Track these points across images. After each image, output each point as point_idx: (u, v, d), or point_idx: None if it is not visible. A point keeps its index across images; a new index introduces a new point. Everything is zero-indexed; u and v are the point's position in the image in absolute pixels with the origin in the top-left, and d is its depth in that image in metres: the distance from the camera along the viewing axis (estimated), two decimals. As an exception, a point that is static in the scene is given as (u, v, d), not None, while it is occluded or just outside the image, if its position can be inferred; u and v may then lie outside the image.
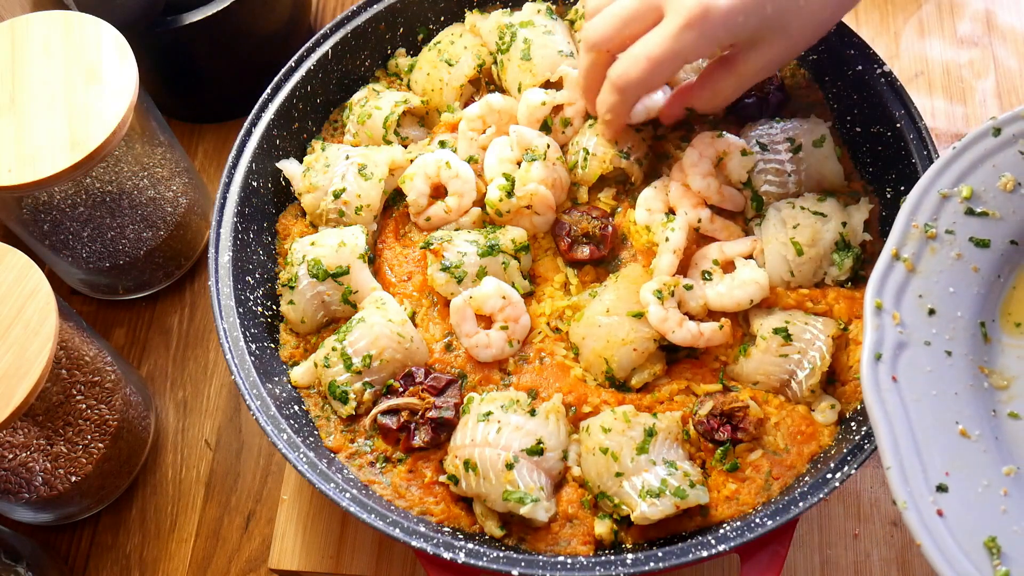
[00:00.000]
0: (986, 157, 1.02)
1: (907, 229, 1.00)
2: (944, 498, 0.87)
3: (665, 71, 1.05)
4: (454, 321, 1.20)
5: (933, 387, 0.93)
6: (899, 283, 0.98)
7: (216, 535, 1.35)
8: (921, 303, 0.97)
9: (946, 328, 0.96)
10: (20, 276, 1.11)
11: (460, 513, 1.12)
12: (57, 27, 1.24)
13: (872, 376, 0.92)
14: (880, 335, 0.95)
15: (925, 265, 0.98)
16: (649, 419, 1.10)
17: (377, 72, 1.44)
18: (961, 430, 0.91)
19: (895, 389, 0.92)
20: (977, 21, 1.65)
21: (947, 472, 0.89)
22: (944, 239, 0.99)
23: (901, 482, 0.87)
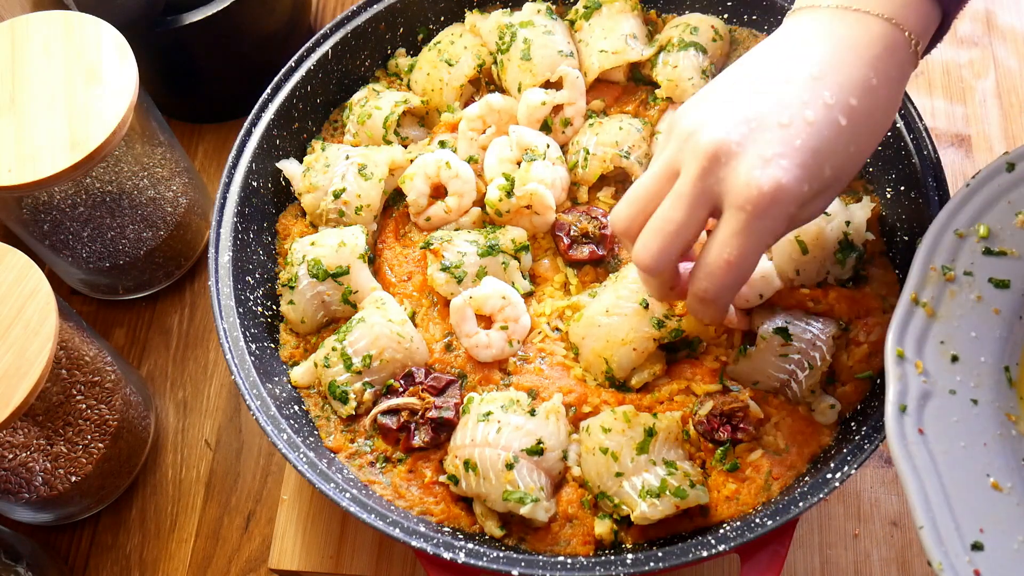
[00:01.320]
0: (1001, 194, 1.00)
1: (925, 272, 0.97)
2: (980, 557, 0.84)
3: (752, 264, 0.92)
4: (454, 321, 1.20)
5: (961, 438, 0.90)
6: (920, 330, 0.95)
7: (216, 535, 1.35)
8: (943, 350, 0.94)
9: (970, 375, 0.93)
10: (20, 276, 1.11)
11: (460, 513, 1.12)
12: (57, 27, 1.24)
13: (898, 429, 0.89)
14: (904, 385, 0.91)
15: (945, 310, 0.95)
16: (649, 419, 1.10)
17: (377, 72, 1.44)
18: (993, 483, 0.88)
19: (922, 442, 0.89)
20: (977, 21, 1.65)
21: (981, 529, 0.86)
22: (963, 281, 0.96)
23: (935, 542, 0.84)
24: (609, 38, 1.35)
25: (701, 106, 0.94)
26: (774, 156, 0.87)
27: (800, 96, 0.89)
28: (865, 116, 0.91)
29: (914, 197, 1.19)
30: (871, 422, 1.07)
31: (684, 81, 1.32)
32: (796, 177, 0.87)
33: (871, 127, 0.92)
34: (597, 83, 1.37)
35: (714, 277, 0.92)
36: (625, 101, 1.38)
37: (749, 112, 0.90)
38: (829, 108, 0.89)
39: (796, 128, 0.88)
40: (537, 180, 1.23)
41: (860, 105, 0.90)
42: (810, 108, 0.89)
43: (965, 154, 1.54)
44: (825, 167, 0.90)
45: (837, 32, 0.92)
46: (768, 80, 0.92)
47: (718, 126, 0.90)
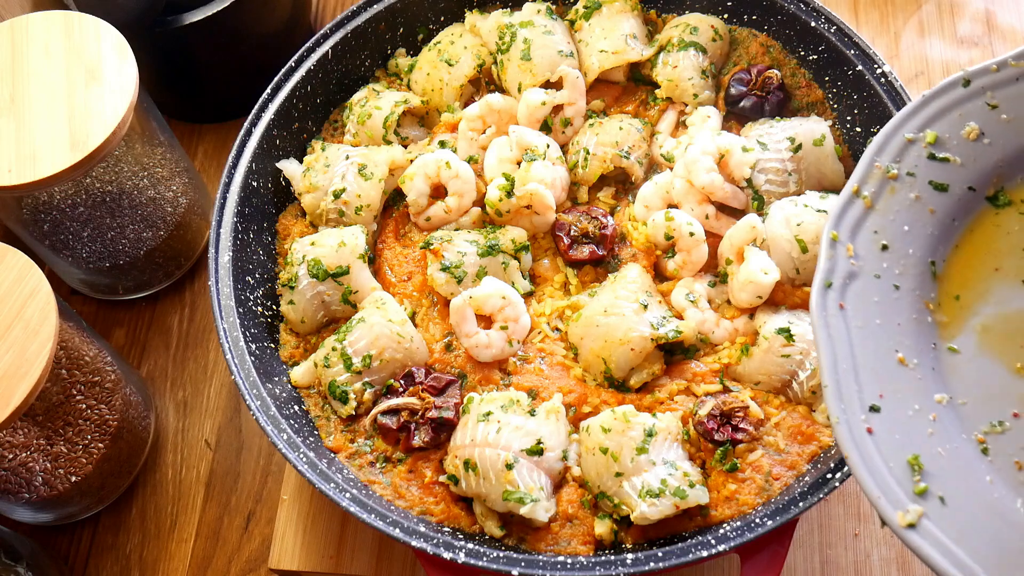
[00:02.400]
0: (954, 106, 1.04)
1: (870, 168, 1.02)
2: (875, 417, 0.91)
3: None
4: (454, 321, 1.20)
5: (878, 316, 0.96)
6: (856, 218, 1.01)
7: (216, 535, 1.35)
8: (876, 238, 1.00)
9: (897, 263, 0.99)
10: (20, 276, 1.11)
11: (460, 513, 1.12)
12: (57, 27, 1.24)
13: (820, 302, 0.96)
14: (832, 264, 0.98)
15: (884, 204, 1.01)
16: (649, 419, 1.10)
17: (377, 72, 1.44)
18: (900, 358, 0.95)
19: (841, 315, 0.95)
20: (977, 21, 1.65)
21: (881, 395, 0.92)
22: (905, 180, 1.02)
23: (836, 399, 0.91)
24: (609, 38, 1.35)
25: None
26: None
27: None
28: None
29: (914, 197, 1.19)
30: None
31: (684, 81, 1.32)
32: None
33: None
34: (597, 83, 1.37)
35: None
36: (625, 101, 1.38)
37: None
38: None
39: None
40: (537, 180, 1.23)
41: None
42: None
43: (965, 154, 1.54)
44: None
45: None
46: None
47: None
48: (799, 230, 1.17)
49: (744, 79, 1.32)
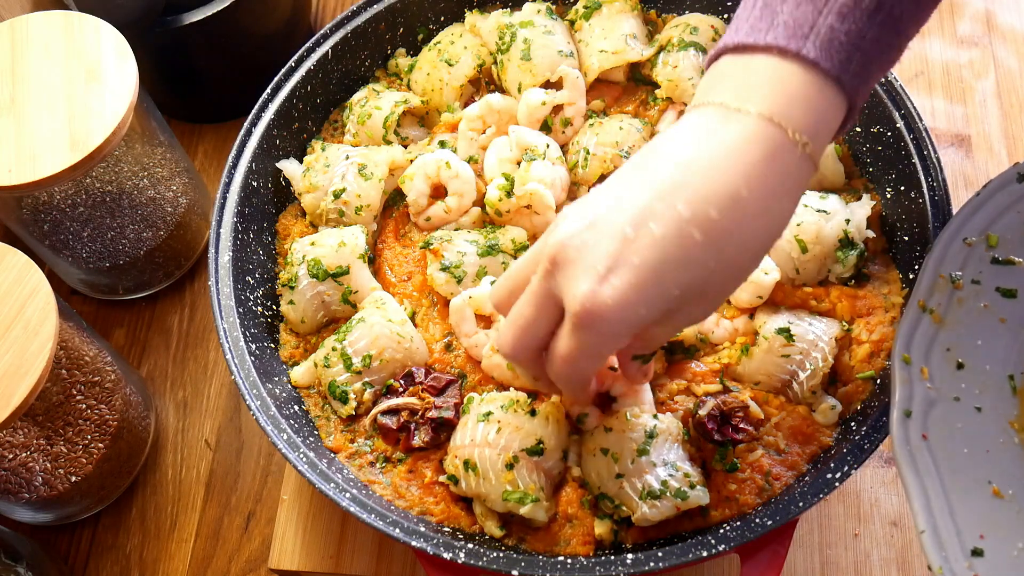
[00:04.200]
0: (1011, 204, 1.00)
1: (934, 279, 0.97)
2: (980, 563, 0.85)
3: (588, 367, 0.89)
4: (453, 321, 1.20)
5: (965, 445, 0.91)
6: (927, 336, 0.95)
7: (216, 535, 1.35)
8: (949, 357, 0.94)
9: (975, 383, 0.93)
10: (20, 276, 1.11)
11: (460, 513, 1.12)
12: (57, 27, 1.24)
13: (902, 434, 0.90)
14: (909, 391, 0.92)
15: (952, 317, 0.96)
16: (650, 420, 1.10)
17: (377, 72, 1.44)
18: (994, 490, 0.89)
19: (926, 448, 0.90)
20: (977, 21, 1.65)
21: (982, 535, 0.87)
22: (970, 289, 0.97)
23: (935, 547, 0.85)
24: (609, 38, 1.35)
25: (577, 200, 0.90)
26: (607, 271, 0.81)
27: (652, 206, 0.81)
28: (730, 230, 0.80)
29: (914, 197, 1.19)
30: (871, 422, 1.07)
31: (684, 81, 1.32)
32: (626, 300, 0.80)
33: (741, 241, 0.81)
34: (597, 83, 1.37)
35: (558, 369, 0.91)
36: (625, 101, 1.38)
37: (595, 215, 0.84)
38: (681, 222, 0.79)
39: (639, 243, 0.80)
40: (537, 180, 1.23)
41: (723, 218, 0.79)
42: (659, 221, 0.80)
43: (965, 154, 1.54)
44: (671, 287, 0.81)
45: (713, 134, 0.81)
46: (629, 181, 0.84)
47: (565, 227, 0.85)
48: (799, 230, 1.17)
49: (744, 79, 1.32)
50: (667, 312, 0.84)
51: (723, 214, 0.80)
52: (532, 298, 0.90)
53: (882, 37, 0.82)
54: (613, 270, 0.81)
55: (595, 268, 0.82)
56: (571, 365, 0.89)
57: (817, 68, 0.81)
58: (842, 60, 0.81)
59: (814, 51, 0.80)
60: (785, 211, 0.84)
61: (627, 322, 0.82)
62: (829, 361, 1.14)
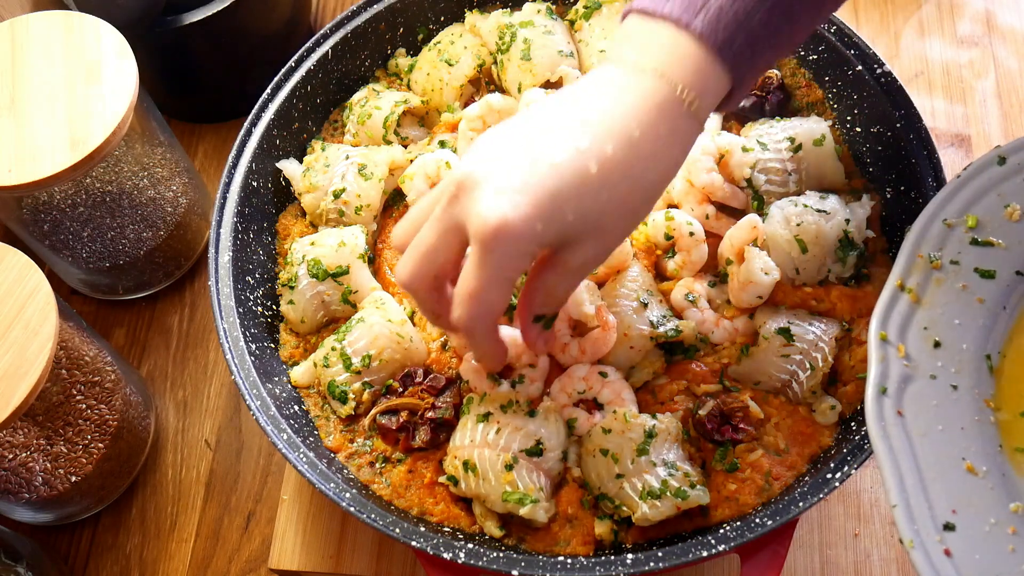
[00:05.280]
0: (991, 186, 1.00)
1: (912, 259, 0.98)
2: (951, 537, 0.86)
3: (495, 298, 0.92)
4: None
5: (939, 422, 0.91)
6: (904, 315, 0.96)
7: (216, 535, 1.35)
8: (927, 335, 0.95)
9: (952, 361, 0.94)
10: (20, 276, 1.11)
11: (460, 513, 1.12)
12: (57, 27, 1.24)
13: (877, 410, 0.91)
14: (885, 368, 0.93)
15: (930, 296, 0.97)
16: (649, 420, 1.10)
17: (377, 72, 1.44)
18: (968, 466, 0.90)
19: (900, 424, 0.90)
20: (977, 21, 1.65)
21: (954, 510, 0.87)
22: (949, 270, 0.97)
23: (907, 521, 0.86)
24: (609, 38, 1.35)
25: (478, 140, 0.95)
26: (508, 190, 0.87)
27: (555, 139, 0.89)
28: (623, 166, 0.89)
29: (914, 197, 1.19)
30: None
31: (684, 81, 1.31)
32: (525, 215, 0.87)
33: (632, 178, 0.90)
34: (597, 83, 1.37)
35: (463, 307, 0.93)
36: (625, 101, 1.38)
37: (503, 148, 0.91)
38: (580, 152, 0.88)
39: (539, 168, 0.88)
40: (537, 180, 1.23)
41: (617, 154, 0.89)
42: (559, 151, 0.88)
43: (965, 154, 1.54)
44: (566, 211, 0.88)
45: (613, 84, 0.92)
46: (535, 122, 0.92)
47: (472, 158, 0.92)
48: (799, 230, 1.17)
49: (744, 79, 1.32)
50: (563, 242, 0.91)
51: (616, 151, 0.89)
52: (434, 223, 0.95)
53: (771, 21, 0.90)
54: (517, 190, 0.88)
55: (499, 188, 0.88)
56: (478, 299, 0.92)
57: (703, 41, 0.90)
58: (726, 37, 0.90)
59: (701, 26, 0.89)
60: (674, 158, 0.93)
61: (525, 237, 0.88)
62: (829, 361, 1.14)
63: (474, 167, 0.90)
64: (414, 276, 0.97)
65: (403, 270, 0.98)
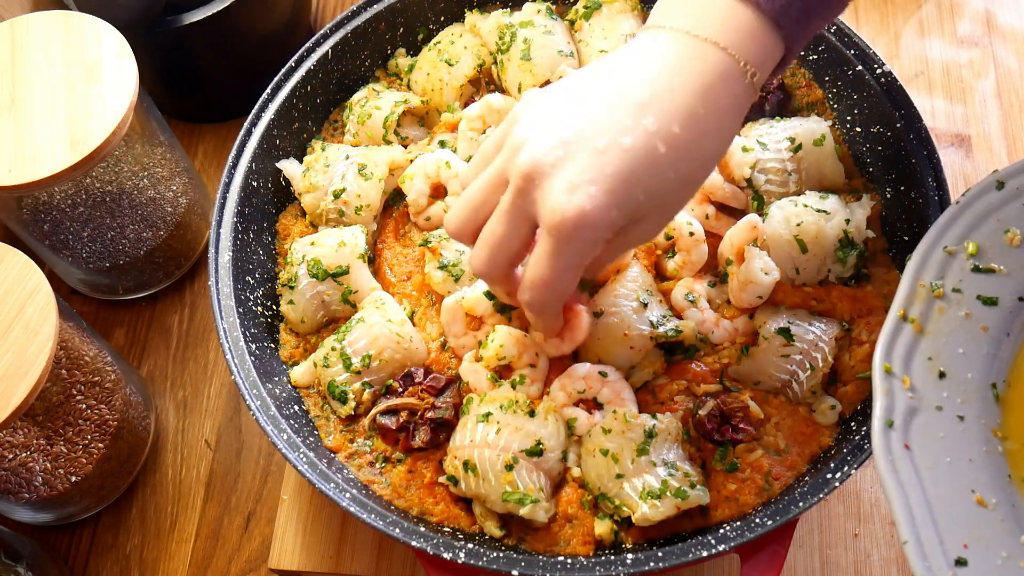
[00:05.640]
0: (991, 212, 1.00)
1: (913, 289, 0.97)
2: (964, 572, 0.85)
3: (567, 284, 0.95)
4: (445, 321, 1.20)
5: (947, 454, 0.90)
6: (908, 345, 0.95)
7: (216, 535, 1.35)
8: (931, 366, 0.94)
9: (957, 391, 0.93)
10: (20, 276, 1.11)
11: (460, 513, 1.12)
12: (57, 27, 1.24)
13: (884, 444, 0.90)
14: (891, 401, 0.92)
15: (933, 326, 0.96)
16: (649, 420, 1.10)
17: (377, 72, 1.44)
18: (978, 498, 0.89)
19: (908, 457, 0.90)
20: (977, 21, 1.65)
21: (965, 544, 0.87)
22: (951, 298, 0.97)
23: (919, 557, 0.85)
24: (609, 38, 1.35)
25: (531, 115, 0.94)
26: (582, 182, 0.88)
27: (621, 121, 0.89)
28: (689, 144, 0.90)
29: (914, 197, 1.19)
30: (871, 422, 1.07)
31: (684, 81, 1.31)
32: (602, 204, 0.88)
33: (696, 154, 0.91)
34: (597, 83, 1.37)
35: (533, 291, 0.96)
36: (625, 101, 1.38)
37: (568, 133, 0.90)
38: (649, 135, 0.88)
39: (610, 154, 0.88)
40: (537, 180, 1.23)
41: (683, 133, 0.89)
42: (629, 134, 0.88)
43: (965, 154, 1.54)
44: (637, 193, 0.89)
45: (673, 57, 0.91)
46: (595, 99, 0.91)
47: (536, 146, 0.91)
48: (799, 230, 1.17)
49: (744, 79, 1.32)
50: (631, 220, 0.92)
51: (684, 129, 0.89)
52: (504, 216, 0.95)
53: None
54: (591, 181, 0.88)
55: (571, 181, 0.88)
56: (548, 285, 0.94)
57: (761, 8, 0.90)
58: (783, 4, 0.90)
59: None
60: (732, 130, 0.94)
61: (602, 226, 0.89)
62: (829, 361, 1.14)
63: (541, 157, 0.90)
64: (490, 267, 0.99)
65: (478, 261, 0.99)
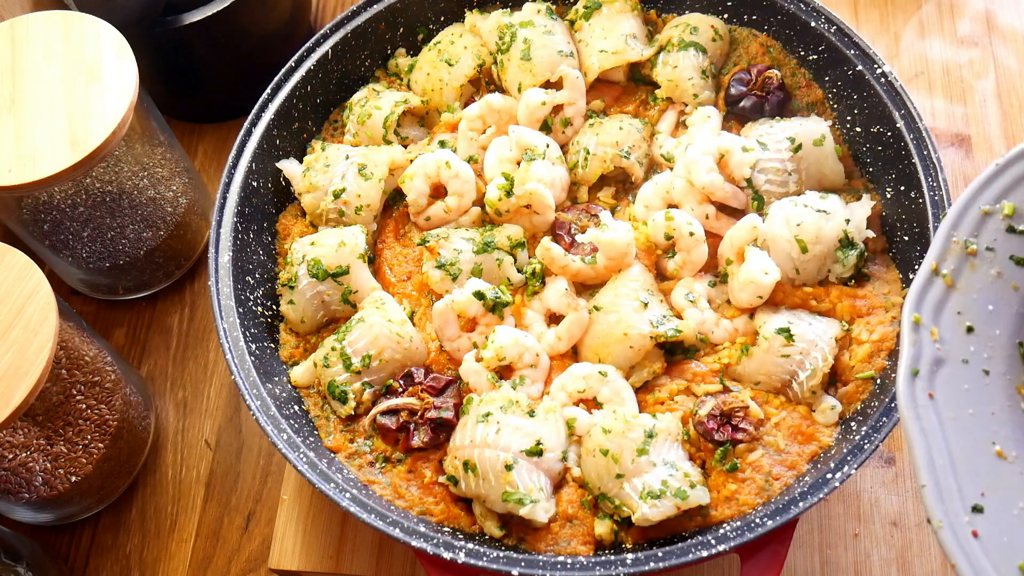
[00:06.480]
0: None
1: (947, 244, 0.98)
2: (980, 519, 0.86)
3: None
4: (437, 326, 1.20)
5: (970, 406, 0.92)
6: (938, 299, 0.96)
7: (216, 535, 1.35)
8: (960, 320, 0.95)
9: (984, 347, 0.94)
10: (20, 276, 1.11)
11: (460, 513, 1.12)
12: (57, 27, 1.24)
13: (909, 392, 0.91)
14: (918, 351, 0.93)
15: (965, 282, 0.97)
16: (649, 420, 1.09)
17: (377, 72, 1.44)
18: (998, 451, 0.90)
19: (932, 406, 0.91)
20: (977, 21, 1.65)
21: (983, 493, 0.88)
22: (984, 256, 0.97)
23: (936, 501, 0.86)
24: (609, 38, 1.34)
25: None
26: None
27: None
28: None
29: (914, 197, 1.19)
30: (871, 422, 1.07)
31: (684, 81, 1.32)
32: None
33: None
34: (597, 83, 1.37)
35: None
36: (625, 101, 1.38)
37: None
38: None
39: None
40: (537, 180, 1.23)
41: None
42: None
43: (965, 154, 1.54)
44: None
45: None
46: None
47: None
48: (799, 230, 1.17)
49: (744, 79, 1.32)
50: None
51: None
52: None
53: None
54: None
55: None
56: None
57: None
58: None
59: None
60: None
61: None
62: (829, 361, 1.14)
63: None
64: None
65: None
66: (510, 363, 1.16)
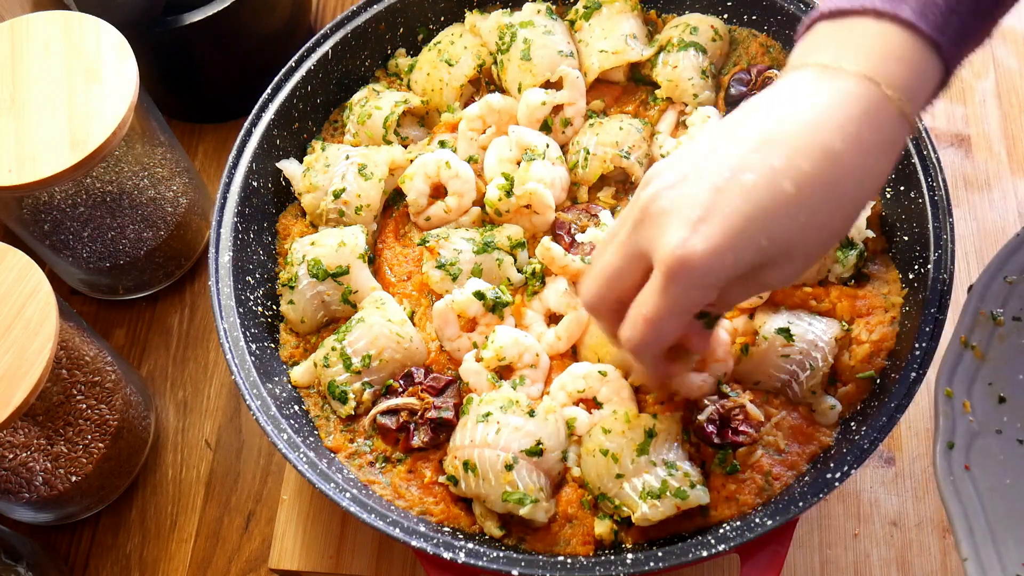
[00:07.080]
0: None
1: (975, 317, 1.00)
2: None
3: (671, 328, 0.87)
4: (437, 326, 1.20)
5: (1007, 476, 0.94)
6: (969, 371, 0.99)
7: (216, 535, 1.35)
8: (991, 391, 0.98)
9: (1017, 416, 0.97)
10: (20, 276, 1.11)
11: (460, 513, 1.12)
12: (57, 27, 1.24)
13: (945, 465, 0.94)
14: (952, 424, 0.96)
15: (994, 353, 0.99)
16: (649, 420, 1.10)
17: (377, 72, 1.44)
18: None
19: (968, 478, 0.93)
20: (977, 21, 1.65)
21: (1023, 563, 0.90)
22: (1011, 326, 1.00)
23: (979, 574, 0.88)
24: (609, 38, 1.35)
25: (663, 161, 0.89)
26: (698, 220, 0.80)
27: (745, 157, 0.81)
28: (822, 183, 0.80)
29: (914, 197, 1.19)
30: (871, 422, 1.07)
31: (684, 81, 1.32)
32: (715, 247, 0.80)
33: (833, 195, 0.81)
34: (597, 83, 1.37)
35: (634, 329, 0.88)
36: (625, 101, 1.38)
37: (690, 169, 0.83)
38: (774, 172, 0.79)
39: (731, 192, 0.80)
40: (537, 180, 1.23)
41: (815, 170, 0.79)
42: (751, 171, 0.80)
43: (965, 154, 1.54)
44: (759, 237, 0.80)
45: (810, 91, 0.82)
46: (723, 138, 0.84)
47: (659, 180, 0.85)
48: (799, 230, 1.17)
49: (744, 79, 1.32)
50: (753, 266, 0.83)
51: (816, 167, 0.79)
52: (619, 248, 0.89)
53: (980, 4, 0.84)
54: (705, 219, 0.80)
55: (687, 217, 0.81)
56: (654, 325, 0.86)
57: (913, 29, 0.81)
58: (939, 23, 0.81)
59: (910, 13, 0.80)
60: (881, 170, 0.82)
61: (716, 271, 0.81)
62: (829, 361, 1.14)
63: (659, 190, 0.84)
64: (598, 299, 0.92)
65: (586, 293, 0.93)
66: (510, 363, 1.16)
